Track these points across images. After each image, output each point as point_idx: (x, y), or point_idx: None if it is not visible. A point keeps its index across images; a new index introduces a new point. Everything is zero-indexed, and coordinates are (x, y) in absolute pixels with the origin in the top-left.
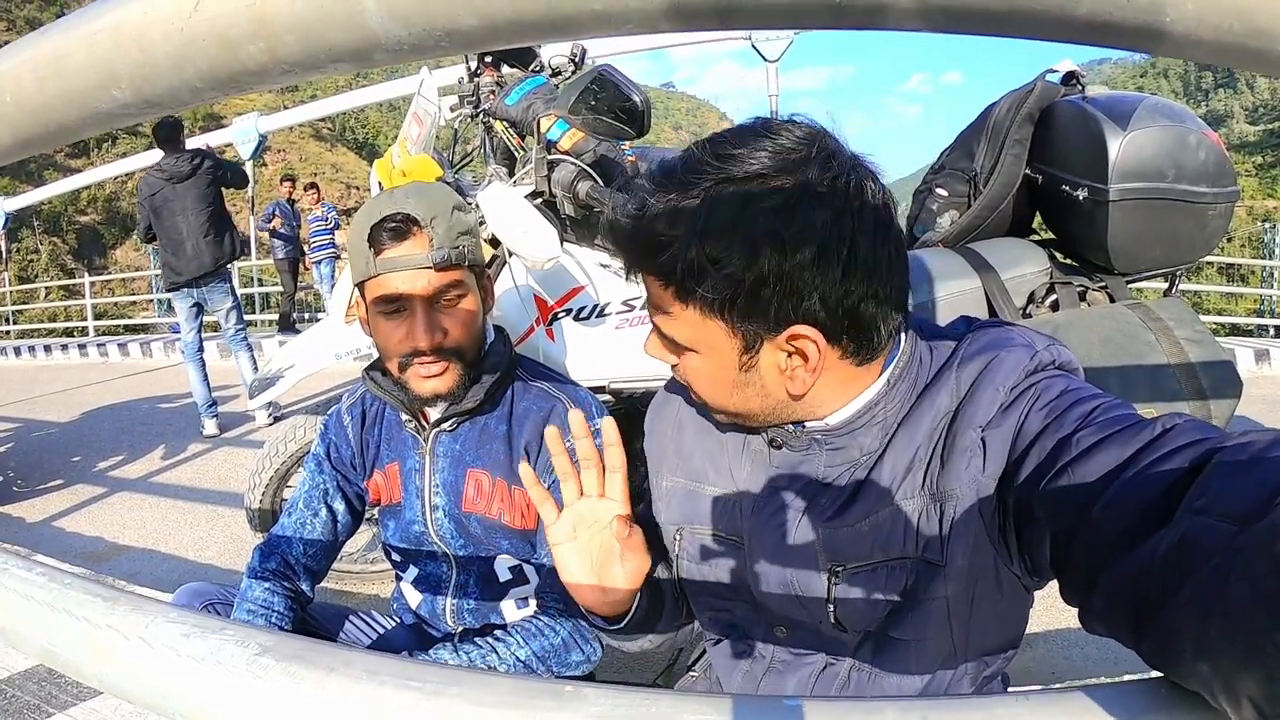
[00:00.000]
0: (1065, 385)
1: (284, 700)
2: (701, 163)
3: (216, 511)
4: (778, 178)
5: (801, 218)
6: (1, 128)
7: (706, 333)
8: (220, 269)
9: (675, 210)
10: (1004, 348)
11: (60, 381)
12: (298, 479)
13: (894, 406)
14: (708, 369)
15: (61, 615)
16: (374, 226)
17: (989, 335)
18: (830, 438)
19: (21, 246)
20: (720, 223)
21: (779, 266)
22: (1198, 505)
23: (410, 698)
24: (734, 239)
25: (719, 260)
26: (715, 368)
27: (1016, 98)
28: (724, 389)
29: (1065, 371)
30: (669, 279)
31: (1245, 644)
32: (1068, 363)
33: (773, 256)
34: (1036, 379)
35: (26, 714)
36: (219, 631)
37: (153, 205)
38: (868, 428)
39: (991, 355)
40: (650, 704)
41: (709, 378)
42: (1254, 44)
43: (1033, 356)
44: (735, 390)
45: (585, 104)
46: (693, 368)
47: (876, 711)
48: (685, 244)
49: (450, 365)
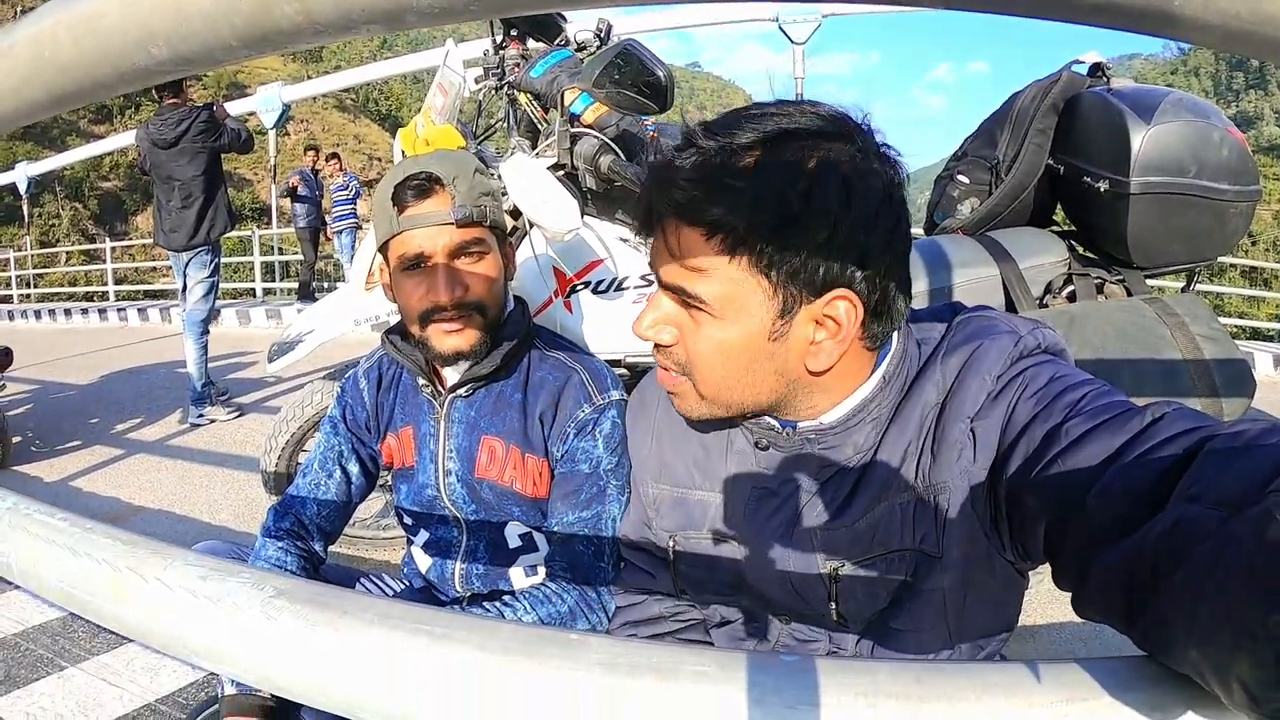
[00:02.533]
0: (1053, 372)
1: (297, 642)
2: (763, 115)
3: (232, 475)
4: (840, 137)
5: (869, 177)
6: (36, 85)
7: (743, 294)
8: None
9: (730, 154)
10: (988, 336)
11: (80, 345)
12: (313, 443)
13: (887, 404)
14: (727, 340)
15: (83, 559)
16: (398, 186)
17: (973, 324)
18: (824, 437)
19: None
20: (785, 173)
21: (843, 221)
22: (1190, 492)
23: (420, 642)
24: (802, 191)
25: (785, 214)
26: (738, 338)
27: (1041, 87)
28: (738, 366)
29: (1051, 355)
30: (723, 229)
31: (1236, 629)
32: (1053, 345)
33: (841, 210)
34: (1023, 365)
35: (40, 667)
36: (235, 575)
37: (145, 164)
38: (861, 426)
39: (976, 344)
40: (653, 654)
41: (724, 352)
42: (1261, 31)
43: (1017, 343)
44: (751, 367)
45: (609, 78)
46: (704, 343)
47: (869, 671)
48: (753, 192)
49: (470, 322)
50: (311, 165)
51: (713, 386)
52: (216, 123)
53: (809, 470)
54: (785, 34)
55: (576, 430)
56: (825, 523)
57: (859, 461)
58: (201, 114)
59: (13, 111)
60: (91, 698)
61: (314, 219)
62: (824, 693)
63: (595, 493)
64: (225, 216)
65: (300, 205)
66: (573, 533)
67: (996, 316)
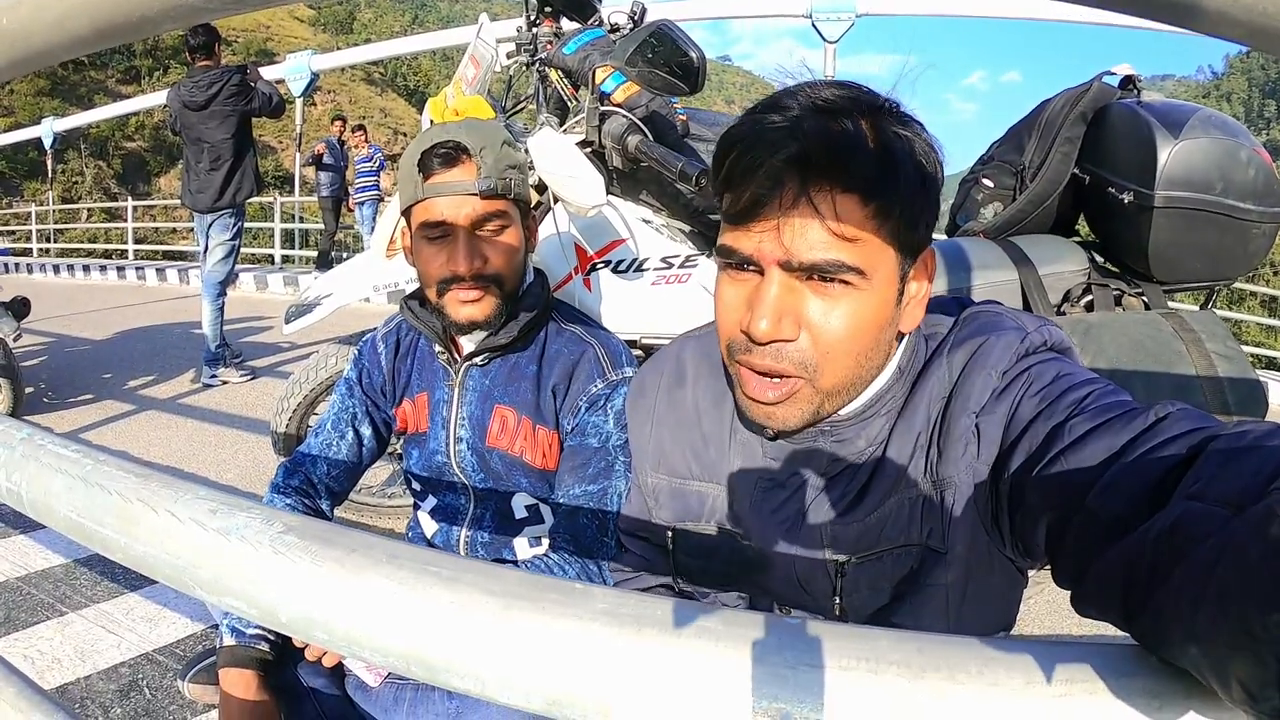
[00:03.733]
0: (1058, 370)
1: (304, 576)
2: (854, 98)
3: (241, 436)
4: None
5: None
6: (81, 16)
7: (885, 260)
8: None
9: (856, 119)
10: (994, 331)
11: (97, 301)
12: (324, 407)
13: (899, 396)
14: (865, 312)
15: (94, 489)
16: (424, 152)
17: (979, 320)
18: (839, 429)
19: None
20: (904, 139)
21: (938, 184)
22: (1192, 491)
23: (426, 581)
24: (921, 155)
25: (922, 173)
26: (876, 308)
27: (1071, 96)
28: (870, 339)
29: (1057, 353)
30: (879, 195)
31: (1236, 627)
32: (1059, 343)
33: (938, 176)
34: (1029, 362)
35: (41, 611)
36: (246, 510)
37: (175, 125)
38: (875, 418)
39: (981, 339)
40: (657, 607)
41: (861, 327)
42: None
43: (1023, 339)
44: (878, 338)
45: (642, 56)
46: (846, 320)
47: (871, 638)
48: (910, 156)
49: (488, 293)
50: (338, 135)
51: (843, 372)
52: (248, 86)
53: (820, 463)
54: (818, 31)
55: (588, 404)
56: (836, 516)
57: (870, 455)
58: (233, 76)
59: (57, 44)
60: (90, 644)
61: (337, 189)
62: (826, 655)
63: (603, 467)
64: (252, 180)
65: (324, 174)
66: (578, 506)
67: (1003, 312)
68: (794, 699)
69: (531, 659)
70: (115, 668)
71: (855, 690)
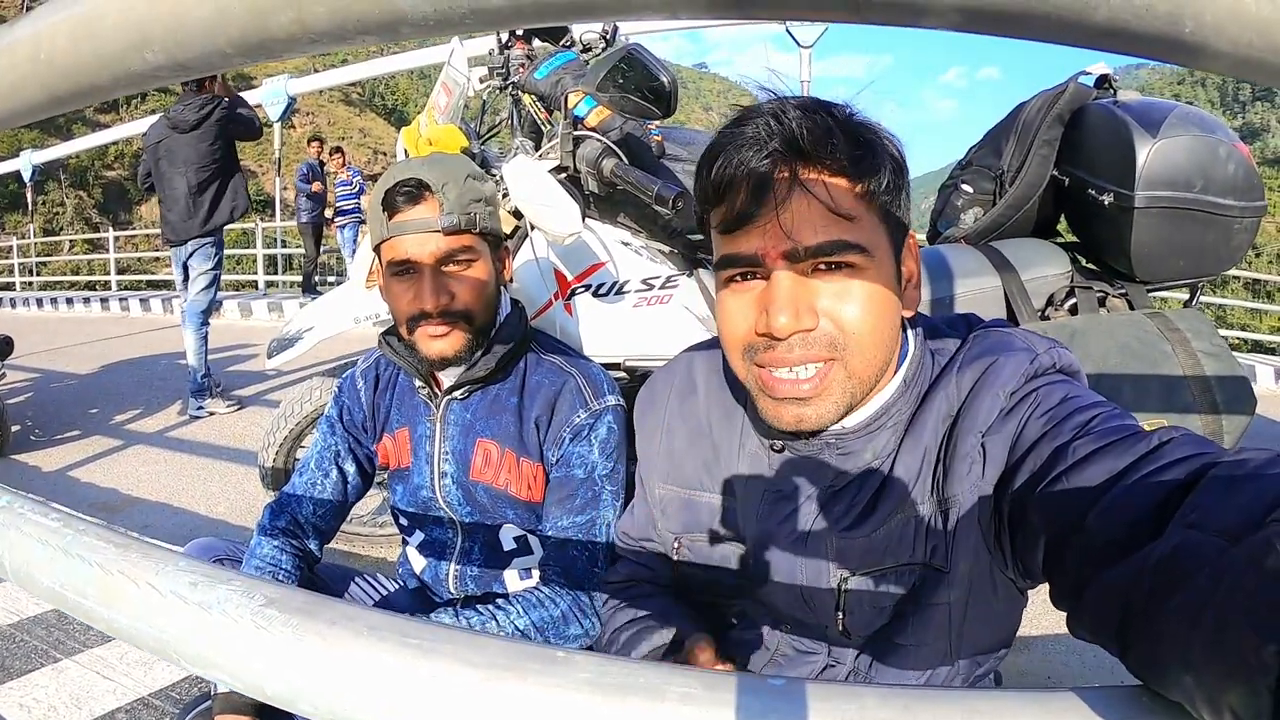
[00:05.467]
0: (1066, 392)
1: (286, 651)
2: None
3: (229, 469)
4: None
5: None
6: (34, 85)
7: (879, 238)
8: (208, 231)
9: (856, 116)
10: (1004, 352)
11: (81, 334)
12: (311, 439)
13: (906, 409)
14: (877, 289)
15: (75, 560)
16: (388, 191)
17: (990, 339)
18: (844, 442)
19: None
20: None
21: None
22: (1190, 519)
23: (406, 655)
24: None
25: (895, 157)
26: (885, 285)
27: (1048, 98)
28: (887, 318)
29: (1066, 375)
30: (864, 176)
31: (1231, 658)
32: (1069, 365)
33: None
34: (1037, 384)
35: (34, 658)
36: (226, 582)
37: (156, 154)
38: (882, 431)
39: (991, 359)
40: (639, 675)
41: (878, 303)
42: (1273, 59)
43: (1033, 360)
44: (894, 318)
45: (613, 81)
46: (859, 298)
47: (857, 697)
48: (880, 144)
49: (457, 328)
50: (317, 155)
51: (870, 352)
52: (237, 111)
53: (826, 476)
54: (792, 36)
55: (572, 435)
56: (840, 531)
57: (877, 469)
58: (223, 101)
59: (10, 111)
60: (85, 690)
61: (316, 215)
62: (812, 716)
63: (590, 498)
64: (245, 197)
65: (304, 200)
66: (567, 537)
67: (1014, 333)
68: None
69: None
70: (111, 714)
71: None
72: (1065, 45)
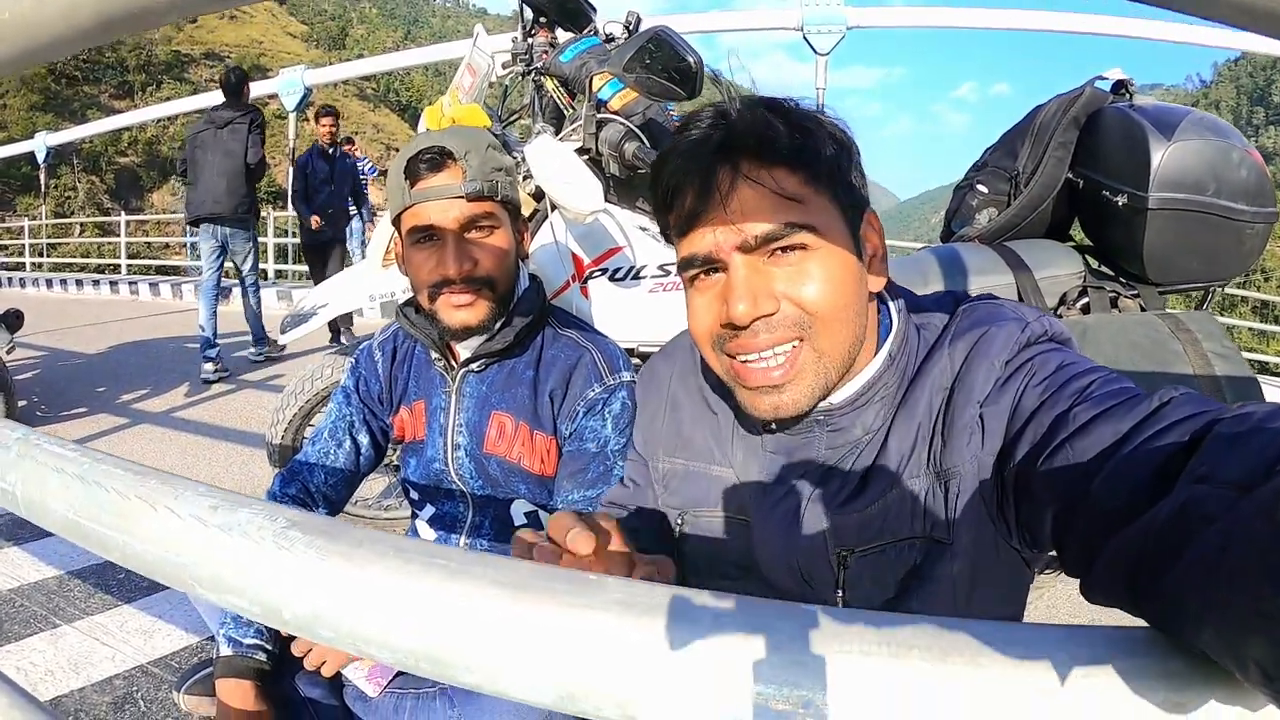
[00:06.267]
0: (1061, 359)
1: (309, 572)
2: (757, 99)
3: (235, 449)
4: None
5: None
6: (87, 8)
7: (831, 220)
8: (241, 216)
9: (799, 106)
10: (995, 322)
11: (90, 315)
12: (319, 419)
13: (893, 384)
14: (835, 265)
15: (91, 486)
16: (410, 159)
17: (980, 310)
18: (832, 418)
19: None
20: (814, 116)
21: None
22: (1198, 474)
23: (435, 574)
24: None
25: (837, 140)
26: (842, 259)
27: (1064, 101)
28: (849, 293)
29: (1058, 343)
30: (806, 158)
31: (1247, 610)
32: (1060, 333)
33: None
34: (1031, 353)
35: (34, 623)
36: (248, 506)
37: (193, 145)
38: (870, 405)
39: (983, 330)
40: (670, 596)
41: (836, 279)
42: None
43: (1024, 329)
44: (855, 292)
45: (640, 62)
46: (816, 279)
47: (892, 623)
48: (820, 129)
49: (480, 296)
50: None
51: (836, 328)
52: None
53: (818, 453)
54: (809, 43)
55: (586, 409)
56: (836, 507)
57: (868, 444)
58: (257, 117)
59: (61, 36)
60: (84, 656)
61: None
62: (847, 641)
63: (601, 472)
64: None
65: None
66: (577, 511)
67: (1003, 303)
68: (816, 686)
69: (545, 652)
70: (109, 680)
71: (877, 676)
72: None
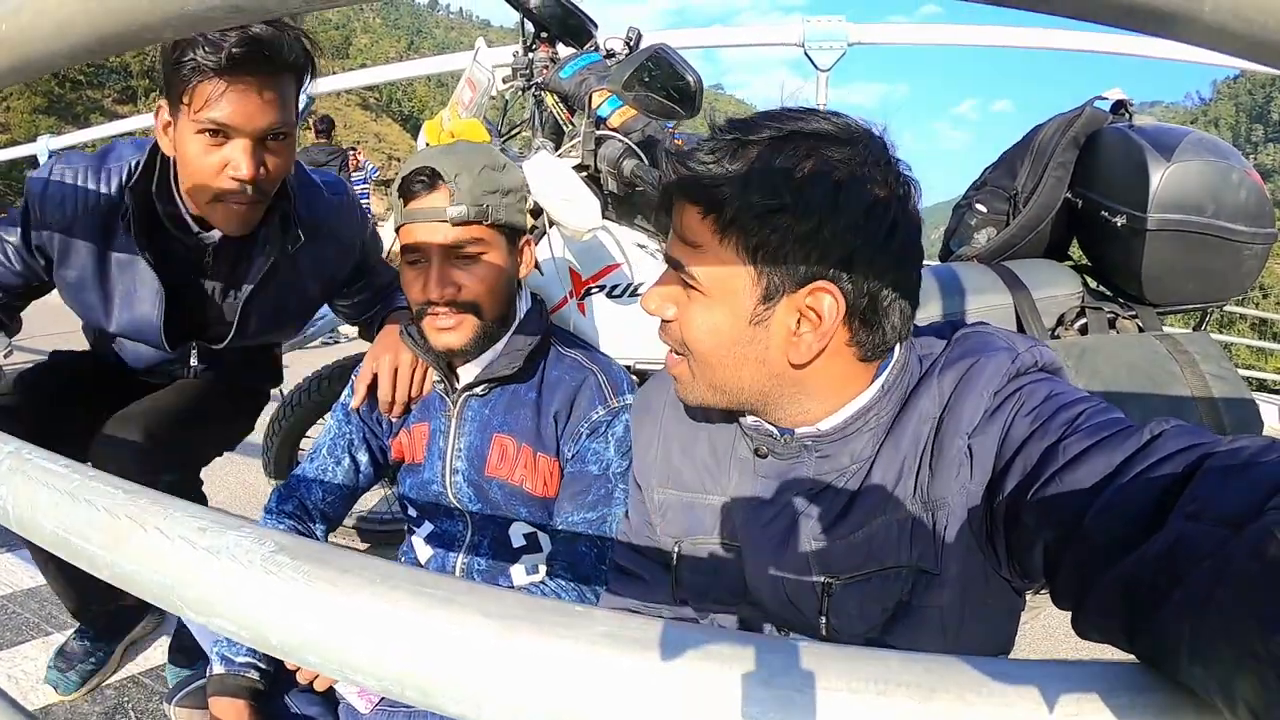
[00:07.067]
0: (1050, 389)
1: (296, 597)
2: (770, 115)
3: (230, 458)
4: (842, 143)
5: (864, 183)
6: (82, 24)
7: (731, 275)
8: None
9: (740, 145)
10: (984, 352)
11: None
12: (317, 431)
13: (886, 414)
14: (713, 320)
15: (81, 504)
16: (405, 178)
17: (971, 340)
18: (821, 444)
19: None
20: (782, 166)
21: (830, 220)
22: (1190, 510)
23: (422, 603)
24: (794, 183)
25: (773, 201)
26: (724, 318)
27: (1063, 121)
28: (724, 346)
29: (1048, 373)
30: (715, 210)
31: (1238, 650)
32: (1050, 363)
33: (828, 208)
34: (1020, 383)
35: (26, 631)
36: (237, 529)
37: None
38: (859, 434)
39: (972, 360)
40: (659, 630)
41: (712, 331)
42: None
43: (1014, 359)
44: (734, 349)
45: (639, 80)
46: (697, 319)
47: (879, 659)
48: (744, 180)
49: (464, 320)
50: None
51: (704, 367)
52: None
53: (805, 479)
54: (810, 60)
55: (589, 431)
56: (820, 533)
57: (856, 472)
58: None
59: (55, 52)
60: None
61: None
62: (834, 677)
63: (603, 494)
64: None
65: None
66: (577, 532)
67: (994, 332)
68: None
69: (532, 683)
70: (101, 689)
71: (864, 713)
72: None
